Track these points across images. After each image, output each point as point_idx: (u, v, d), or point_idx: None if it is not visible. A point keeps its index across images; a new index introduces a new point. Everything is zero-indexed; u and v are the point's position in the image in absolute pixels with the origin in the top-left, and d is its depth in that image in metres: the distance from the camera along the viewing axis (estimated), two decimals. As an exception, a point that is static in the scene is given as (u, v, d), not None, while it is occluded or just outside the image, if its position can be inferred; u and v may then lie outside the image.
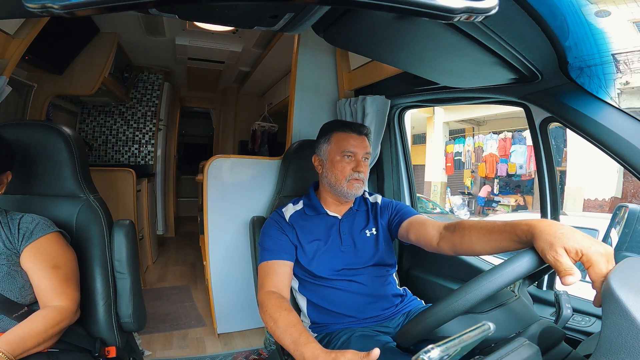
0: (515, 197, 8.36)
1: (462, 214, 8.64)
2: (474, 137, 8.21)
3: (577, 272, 0.56)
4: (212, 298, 1.83)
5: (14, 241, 0.85)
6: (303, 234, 1.10)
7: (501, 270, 0.63)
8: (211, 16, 0.68)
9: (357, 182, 1.10)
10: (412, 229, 1.05)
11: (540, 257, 0.62)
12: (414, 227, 1.05)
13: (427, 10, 0.38)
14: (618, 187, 6.25)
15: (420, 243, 1.02)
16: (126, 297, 1.05)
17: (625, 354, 0.45)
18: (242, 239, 1.75)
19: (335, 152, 1.11)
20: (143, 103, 3.59)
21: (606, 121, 0.84)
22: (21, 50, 1.24)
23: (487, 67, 0.90)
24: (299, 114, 1.81)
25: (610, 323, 0.47)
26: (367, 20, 0.71)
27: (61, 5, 0.33)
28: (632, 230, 0.86)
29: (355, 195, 1.12)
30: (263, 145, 4.19)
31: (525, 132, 6.96)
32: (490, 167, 7.56)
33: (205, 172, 1.70)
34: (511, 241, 0.73)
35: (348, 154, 1.10)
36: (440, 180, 8.79)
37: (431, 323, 0.67)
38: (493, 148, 7.54)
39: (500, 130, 7.63)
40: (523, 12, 0.66)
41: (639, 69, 3.52)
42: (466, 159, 8.10)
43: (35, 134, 1.02)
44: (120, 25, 2.37)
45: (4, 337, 0.74)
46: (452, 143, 8.57)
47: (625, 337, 0.45)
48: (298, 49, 1.78)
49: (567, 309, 0.77)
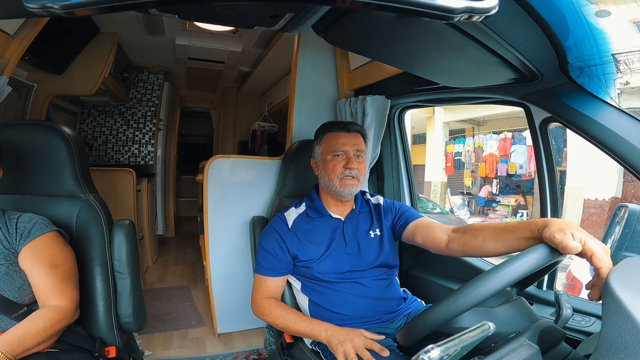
0: (515, 197, 8.41)
1: (462, 214, 8.69)
2: (474, 137, 8.23)
3: (580, 245, 0.64)
4: (212, 298, 1.83)
5: (11, 241, 0.85)
6: (307, 239, 1.10)
7: (508, 266, 0.64)
8: (211, 16, 0.68)
9: (350, 180, 1.09)
10: (419, 231, 1.06)
11: (544, 254, 0.65)
12: (420, 229, 1.07)
13: (427, 10, 0.38)
14: (618, 187, 6.28)
15: (427, 245, 1.03)
16: (126, 297, 1.05)
17: (625, 354, 0.45)
18: (242, 239, 1.75)
19: (326, 152, 1.13)
20: (143, 103, 3.59)
21: (606, 121, 0.84)
22: (21, 50, 1.24)
23: (487, 67, 0.89)
24: (299, 114, 1.81)
25: (610, 323, 0.47)
26: (367, 20, 0.71)
27: (61, 5, 0.33)
28: (632, 230, 0.86)
29: (350, 194, 1.11)
30: (263, 146, 4.19)
31: (526, 132, 6.98)
32: (490, 167, 7.60)
33: (205, 172, 1.70)
34: (523, 238, 0.77)
35: (338, 152, 1.10)
36: (440, 180, 8.78)
37: (437, 320, 0.68)
38: (493, 148, 7.57)
39: (501, 130, 7.64)
40: (523, 12, 0.66)
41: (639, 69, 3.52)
42: (466, 159, 8.14)
43: (35, 134, 1.02)
44: (120, 25, 2.37)
45: (4, 337, 0.73)
46: (452, 143, 8.58)
47: (625, 337, 0.45)
48: (298, 49, 1.78)
49: (567, 309, 0.77)
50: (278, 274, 1.10)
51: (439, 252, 1.00)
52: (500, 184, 8.40)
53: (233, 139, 4.69)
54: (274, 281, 1.10)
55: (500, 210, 8.55)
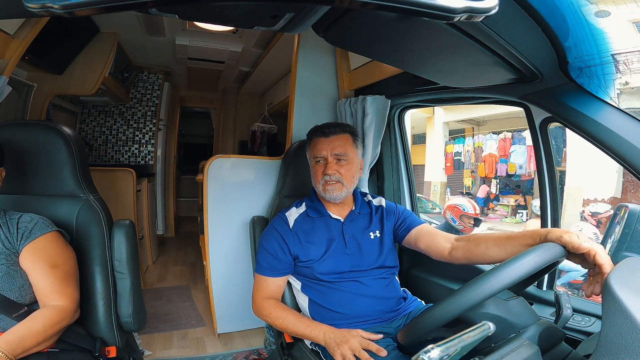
0: (515, 197, 8.47)
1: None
2: (473, 137, 8.26)
3: (590, 244, 0.70)
4: (212, 298, 1.83)
5: (12, 241, 0.85)
6: (307, 239, 1.10)
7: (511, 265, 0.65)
8: (211, 16, 0.68)
9: (329, 185, 1.09)
10: (422, 238, 1.10)
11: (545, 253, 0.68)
12: (423, 236, 1.10)
13: (427, 10, 0.38)
14: (618, 187, 6.32)
15: (430, 252, 1.06)
16: (126, 297, 1.05)
17: (625, 354, 0.45)
18: (242, 239, 1.75)
19: (311, 158, 1.16)
20: (143, 103, 3.59)
21: (606, 121, 0.84)
22: (21, 50, 1.24)
23: (487, 67, 0.89)
24: (299, 114, 1.81)
25: (610, 323, 0.47)
26: (367, 20, 0.71)
27: (61, 5, 0.33)
28: (632, 230, 0.86)
29: (334, 198, 1.10)
30: (262, 147, 4.19)
31: (525, 132, 7.00)
32: (489, 167, 7.63)
33: (205, 172, 1.70)
34: (526, 245, 0.83)
35: (318, 158, 1.12)
36: (440, 180, 8.80)
37: (438, 319, 0.68)
38: (492, 148, 7.61)
39: (500, 130, 7.65)
40: (523, 12, 0.66)
41: (639, 69, 3.52)
42: (466, 159, 8.19)
43: (35, 133, 1.02)
44: (120, 25, 2.37)
45: (4, 336, 0.73)
46: (451, 143, 8.61)
47: (625, 337, 0.45)
48: (298, 49, 1.78)
49: (567, 309, 0.77)
50: (278, 274, 1.10)
51: (441, 259, 1.03)
52: (500, 184, 8.44)
53: (233, 139, 4.69)
54: (274, 281, 1.10)
55: (500, 210, 8.61)
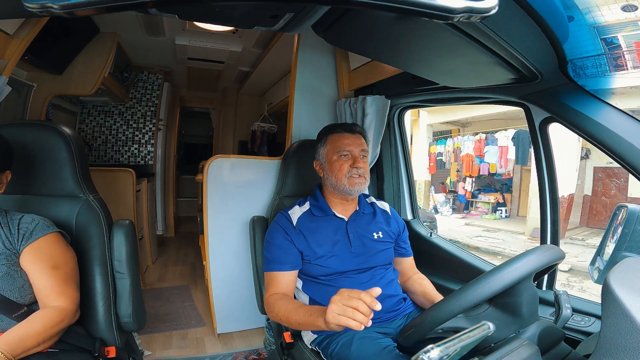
0: (495, 195, 8.96)
1: (445, 211, 9.26)
2: (453, 138, 8.66)
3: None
4: (212, 298, 1.82)
5: (13, 241, 0.85)
6: (312, 237, 1.10)
7: (510, 266, 0.65)
8: (211, 16, 0.68)
9: (358, 178, 1.11)
10: (402, 264, 1.24)
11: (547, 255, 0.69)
12: (403, 263, 1.24)
13: (427, 10, 0.38)
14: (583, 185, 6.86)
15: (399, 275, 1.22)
16: (126, 297, 1.05)
17: (625, 354, 0.45)
18: (242, 239, 1.75)
19: (332, 153, 1.14)
20: (143, 103, 3.59)
21: (606, 121, 0.84)
22: (21, 50, 1.24)
23: (487, 67, 0.90)
24: (299, 114, 1.81)
25: (610, 323, 0.47)
26: (367, 20, 0.71)
27: (61, 5, 0.33)
28: (631, 230, 0.86)
29: (358, 192, 1.13)
30: (262, 147, 4.19)
31: (497, 134, 7.42)
32: (467, 165, 8.03)
33: (205, 172, 1.70)
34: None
35: (344, 152, 1.13)
36: (424, 179, 9.06)
37: (438, 319, 0.68)
38: (470, 149, 7.97)
39: (487, 131, 7.84)
40: (523, 12, 0.66)
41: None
42: (446, 159, 8.59)
43: (35, 134, 1.02)
44: (120, 25, 2.36)
45: (4, 337, 0.73)
46: (434, 144, 9.00)
47: (625, 337, 0.45)
48: (298, 49, 1.78)
49: (567, 309, 0.77)
50: (287, 268, 1.06)
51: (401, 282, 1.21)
52: (476, 183, 8.91)
53: (233, 139, 4.69)
54: (284, 276, 1.06)
55: (481, 207, 9.07)
